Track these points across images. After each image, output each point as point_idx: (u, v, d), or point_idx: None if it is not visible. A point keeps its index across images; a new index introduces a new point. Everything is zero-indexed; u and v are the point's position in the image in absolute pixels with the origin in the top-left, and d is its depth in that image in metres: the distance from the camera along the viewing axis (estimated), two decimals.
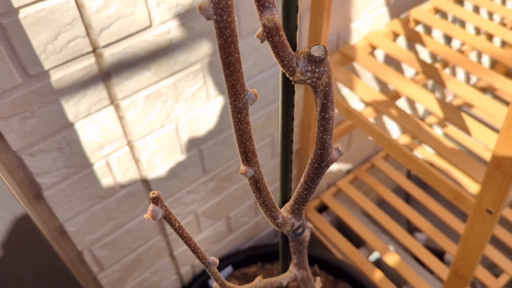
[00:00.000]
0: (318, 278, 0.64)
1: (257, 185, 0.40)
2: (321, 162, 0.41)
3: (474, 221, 0.65)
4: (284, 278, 0.57)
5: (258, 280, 0.53)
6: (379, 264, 1.18)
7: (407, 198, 1.42)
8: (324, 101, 0.36)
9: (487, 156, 1.19)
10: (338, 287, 1.08)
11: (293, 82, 0.34)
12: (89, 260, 0.80)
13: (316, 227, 1.20)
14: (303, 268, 0.58)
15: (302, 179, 0.43)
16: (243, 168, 0.38)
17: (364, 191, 1.38)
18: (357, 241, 1.21)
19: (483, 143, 0.69)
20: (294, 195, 0.46)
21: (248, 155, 0.37)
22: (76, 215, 0.72)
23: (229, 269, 1.10)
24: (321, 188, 1.28)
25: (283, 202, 0.51)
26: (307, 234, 0.56)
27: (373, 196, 1.45)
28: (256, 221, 1.13)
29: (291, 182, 0.50)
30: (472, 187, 1.00)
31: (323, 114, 0.37)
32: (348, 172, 1.32)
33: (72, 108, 0.60)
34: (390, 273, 1.16)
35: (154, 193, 0.32)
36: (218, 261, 0.41)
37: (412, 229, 1.41)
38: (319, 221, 1.21)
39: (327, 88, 0.35)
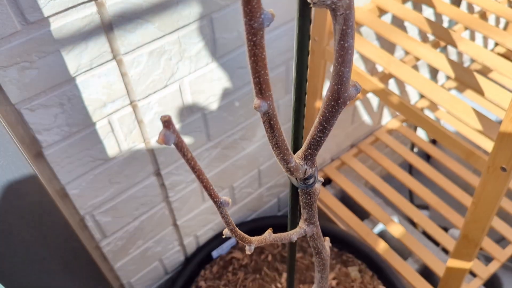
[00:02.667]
0: (327, 238, 0.62)
1: (270, 122, 0.38)
2: (338, 98, 0.38)
3: (487, 180, 0.64)
4: (294, 234, 0.56)
5: (268, 233, 0.52)
6: (383, 236, 1.17)
7: (411, 172, 1.40)
8: (344, 27, 0.33)
9: (501, 116, 1.17)
10: (342, 259, 1.07)
11: (311, 5, 0.32)
12: (91, 226, 0.79)
13: (320, 200, 1.18)
14: (313, 224, 0.56)
15: (316, 120, 0.41)
16: (256, 102, 0.36)
17: (369, 165, 1.37)
18: (362, 214, 1.20)
19: (497, 102, 0.67)
20: (307, 139, 0.44)
21: (262, 86, 0.35)
22: (77, 177, 0.70)
23: (232, 241, 1.08)
24: (324, 161, 1.26)
25: (294, 150, 0.49)
26: (318, 186, 0.54)
27: (378, 171, 1.44)
28: (260, 193, 1.12)
29: (303, 129, 0.48)
30: (485, 145, 0.98)
31: (342, 43, 0.35)
32: (352, 146, 1.30)
33: (73, 60, 0.58)
34: (395, 244, 1.15)
35: (165, 117, 0.30)
36: (230, 201, 0.39)
37: (416, 205, 1.40)
38: (323, 194, 1.20)
39: (347, 12, 0.33)
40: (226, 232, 0.44)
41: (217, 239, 1.07)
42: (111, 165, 0.73)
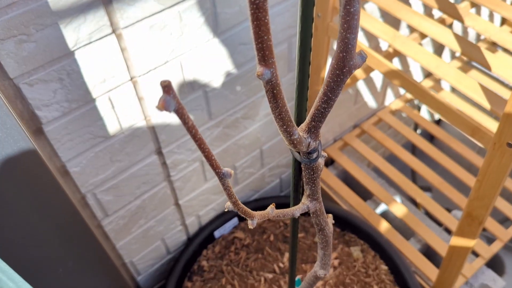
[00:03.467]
0: (330, 215, 0.62)
1: (273, 91, 0.37)
2: (343, 67, 0.37)
3: (493, 156, 0.63)
4: (296, 209, 0.55)
5: (270, 208, 0.51)
6: (386, 216, 1.16)
7: (414, 153, 1.39)
8: None
9: (507, 95, 1.15)
10: (345, 239, 1.07)
11: None
12: (92, 205, 0.78)
13: (322, 181, 1.18)
14: (316, 199, 0.56)
15: (320, 91, 0.40)
16: (259, 69, 0.35)
17: (372, 146, 1.36)
18: (364, 195, 1.19)
19: (504, 78, 0.65)
20: (311, 111, 0.43)
21: (265, 53, 0.33)
22: (78, 154, 0.70)
23: (234, 221, 1.08)
24: (327, 142, 1.25)
25: (298, 124, 0.48)
26: (321, 162, 0.54)
27: (381, 152, 1.43)
28: (262, 174, 1.11)
29: (307, 101, 0.47)
30: (491, 126, 0.97)
31: (347, 7, 0.33)
32: (355, 126, 1.29)
33: (71, 34, 0.57)
34: (398, 225, 1.15)
35: (165, 81, 0.29)
36: (232, 172, 0.38)
37: (419, 187, 1.40)
38: (326, 175, 1.19)
39: None
40: (229, 205, 0.43)
41: (219, 219, 1.07)
42: (112, 142, 0.73)
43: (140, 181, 0.83)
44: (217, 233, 1.07)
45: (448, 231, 1.15)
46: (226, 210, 0.44)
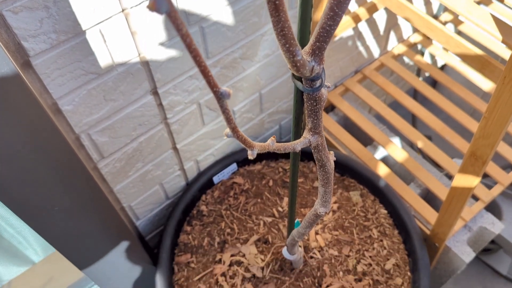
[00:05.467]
0: (331, 152, 0.60)
1: (275, 2, 0.34)
2: None
3: (502, 91, 0.60)
4: (297, 143, 0.53)
5: (271, 140, 0.49)
6: (386, 162, 1.15)
7: (416, 99, 1.37)
8: None
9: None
10: (344, 184, 1.06)
11: None
12: (87, 146, 0.76)
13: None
14: (318, 133, 0.54)
15: (326, 6, 0.37)
16: None
17: (374, 92, 1.33)
18: (365, 141, 1.18)
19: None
20: (315, 31, 0.40)
21: None
22: (70, 92, 0.67)
23: (233, 166, 1.07)
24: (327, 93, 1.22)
25: (301, 47, 0.45)
26: (324, 92, 0.51)
27: (383, 99, 1.40)
28: (261, 119, 1.09)
29: (311, 22, 0.44)
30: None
31: None
32: (356, 71, 1.25)
33: None
34: (398, 170, 1.14)
35: None
36: (231, 92, 0.36)
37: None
38: (326, 121, 1.17)
39: None
40: (227, 132, 0.41)
41: (218, 165, 1.06)
42: (105, 80, 0.70)
43: (136, 123, 0.81)
44: (216, 179, 1.06)
45: (449, 176, 1.15)
46: (225, 137, 0.42)
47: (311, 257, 0.94)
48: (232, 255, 0.96)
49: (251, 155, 0.45)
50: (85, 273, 0.82)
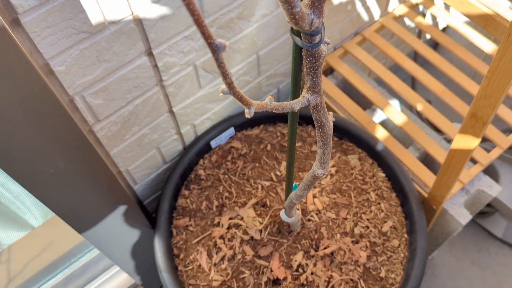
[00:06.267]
0: (331, 113, 0.59)
1: None
2: None
3: (506, 49, 0.59)
4: (296, 103, 0.52)
5: (269, 99, 0.48)
6: (385, 125, 1.15)
7: (417, 61, 1.34)
8: None
9: None
10: (342, 148, 1.06)
11: None
12: (81, 108, 0.75)
13: None
14: (317, 92, 0.53)
15: None
16: None
17: (374, 55, 1.31)
18: (364, 104, 1.17)
19: None
20: None
21: None
22: (62, 51, 0.65)
23: (231, 131, 1.06)
24: (327, 50, 1.20)
25: None
26: (323, 48, 0.50)
27: (383, 62, 1.38)
28: (259, 82, 1.07)
29: None
30: None
31: None
32: (356, 33, 1.22)
33: None
34: (397, 134, 1.13)
35: None
36: (227, 44, 0.34)
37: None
38: (325, 84, 1.15)
39: None
40: (223, 88, 0.40)
41: (216, 129, 1.05)
42: (97, 39, 0.67)
43: (131, 85, 0.79)
44: (213, 143, 1.05)
45: (448, 140, 1.14)
46: (221, 94, 0.40)
47: (309, 220, 0.95)
48: (230, 218, 0.96)
49: (248, 113, 0.44)
50: (84, 236, 0.82)
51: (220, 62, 0.36)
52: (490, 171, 1.30)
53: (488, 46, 1.11)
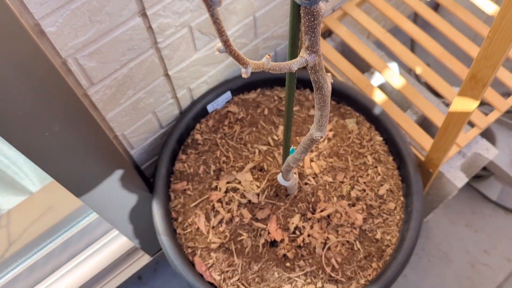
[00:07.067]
0: (329, 74, 0.58)
1: None
2: None
3: (508, 8, 0.57)
4: (293, 63, 0.51)
5: (266, 59, 0.47)
6: (384, 89, 1.13)
7: (417, 23, 1.32)
8: None
9: None
10: (340, 112, 1.05)
11: None
12: (75, 71, 0.73)
13: None
14: (315, 52, 0.51)
15: None
16: None
17: (374, 17, 1.28)
18: (362, 68, 1.15)
19: None
20: None
21: None
22: (52, 11, 0.63)
23: (227, 95, 1.05)
24: (325, 12, 1.17)
25: None
26: (322, 6, 0.48)
27: (382, 24, 1.35)
28: (256, 45, 1.05)
29: None
30: None
31: None
32: None
33: None
34: (395, 98, 1.13)
35: None
36: (223, 1, 0.33)
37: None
38: (323, 47, 1.13)
39: None
40: (219, 46, 0.39)
41: (212, 93, 1.04)
42: None
43: (125, 47, 0.77)
44: (210, 107, 1.04)
45: (446, 104, 1.13)
46: (216, 53, 0.39)
47: (306, 184, 0.95)
48: (228, 182, 0.96)
49: (245, 73, 0.43)
50: (82, 200, 0.83)
51: (215, 18, 0.34)
52: (487, 135, 1.31)
53: (490, 7, 1.09)
